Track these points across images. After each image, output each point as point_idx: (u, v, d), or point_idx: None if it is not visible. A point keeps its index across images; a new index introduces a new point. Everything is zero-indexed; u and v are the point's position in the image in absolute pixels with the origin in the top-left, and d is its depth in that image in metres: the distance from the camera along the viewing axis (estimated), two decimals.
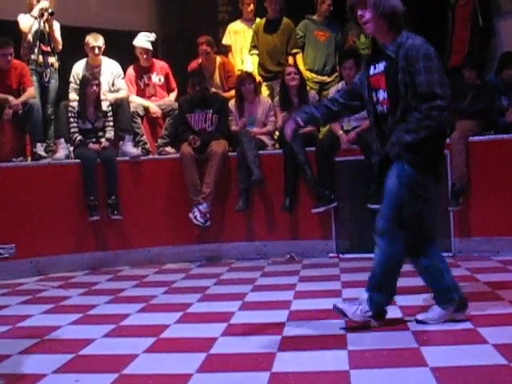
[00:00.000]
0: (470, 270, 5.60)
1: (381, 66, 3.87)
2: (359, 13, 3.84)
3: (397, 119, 3.78)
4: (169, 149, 7.23)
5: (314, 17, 7.99)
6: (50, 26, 7.26)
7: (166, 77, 7.82)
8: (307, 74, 7.78)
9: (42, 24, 7.17)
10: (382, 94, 3.88)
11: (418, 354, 3.41)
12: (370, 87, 3.95)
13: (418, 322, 3.95)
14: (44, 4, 7.18)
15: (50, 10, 7.17)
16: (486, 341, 3.55)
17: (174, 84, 7.91)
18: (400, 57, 3.74)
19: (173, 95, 7.86)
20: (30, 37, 7.21)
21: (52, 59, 7.36)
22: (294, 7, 8.62)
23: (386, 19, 3.78)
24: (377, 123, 3.95)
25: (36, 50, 7.18)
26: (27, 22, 7.23)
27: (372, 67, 3.95)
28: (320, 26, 7.97)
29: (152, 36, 7.66)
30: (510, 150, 6.27)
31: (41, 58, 7.22)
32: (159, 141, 7.34)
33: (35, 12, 7.19)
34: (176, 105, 7.44)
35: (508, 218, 6.23)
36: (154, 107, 7.55)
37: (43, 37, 7.22)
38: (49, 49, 7.31)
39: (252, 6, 8.17)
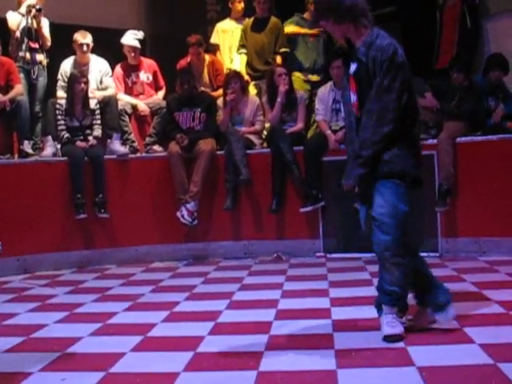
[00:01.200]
0: (456, 271, 5.62)
1: (353, 67, 3.74)
2: (322, 24, 3.76)
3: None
4: (156, 147, 7.22)
5: (304, 15, 7.98)
6: (38, 23, 7.20)
7: (154, 75, 7.81)
8: (297, 74, 7.78)
9: (29, 21, 7.12)
10: (352, 97, 3.77)
11: (404, 354, 3.42)
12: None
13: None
14: (31, 1, 7.14)
15: (37, 7, 7.13)
16: (472, 340, 3.57)
17: (162, 82, 7.90)
18: (369, 58, 3.60)
19: (161, 93, 7.85)
20: (17, 34, 7.16)
21: (40, 56, 7.29)
22: (282, 7, 8.62)
23: (347, 21, 3.64)
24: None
25: (24, 47, 7.13)
26: (15, 20, 7.19)
27: (350, 66, 3.79)
28: (310, 24, 7.96)
29: (140, 34, 7.65)
30: (497, 150, 6.30)
31: (28, 55, 7.16)
32: (147, 139, 7.33)
33: (23, 9, 7.15)
34: (164, 103, 7.43)
35: (495, 218, 6.25)
36: (141, 105, 7.54)
37: (31, 34, 7.16)
38: (37, 46, 7.24)
39: (242, 5, 8.17)
